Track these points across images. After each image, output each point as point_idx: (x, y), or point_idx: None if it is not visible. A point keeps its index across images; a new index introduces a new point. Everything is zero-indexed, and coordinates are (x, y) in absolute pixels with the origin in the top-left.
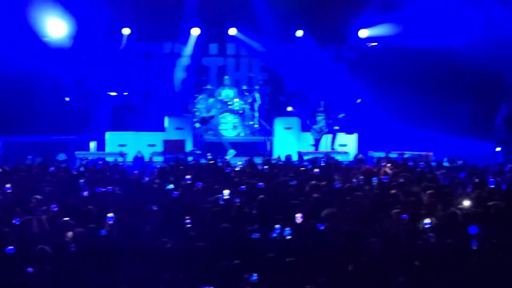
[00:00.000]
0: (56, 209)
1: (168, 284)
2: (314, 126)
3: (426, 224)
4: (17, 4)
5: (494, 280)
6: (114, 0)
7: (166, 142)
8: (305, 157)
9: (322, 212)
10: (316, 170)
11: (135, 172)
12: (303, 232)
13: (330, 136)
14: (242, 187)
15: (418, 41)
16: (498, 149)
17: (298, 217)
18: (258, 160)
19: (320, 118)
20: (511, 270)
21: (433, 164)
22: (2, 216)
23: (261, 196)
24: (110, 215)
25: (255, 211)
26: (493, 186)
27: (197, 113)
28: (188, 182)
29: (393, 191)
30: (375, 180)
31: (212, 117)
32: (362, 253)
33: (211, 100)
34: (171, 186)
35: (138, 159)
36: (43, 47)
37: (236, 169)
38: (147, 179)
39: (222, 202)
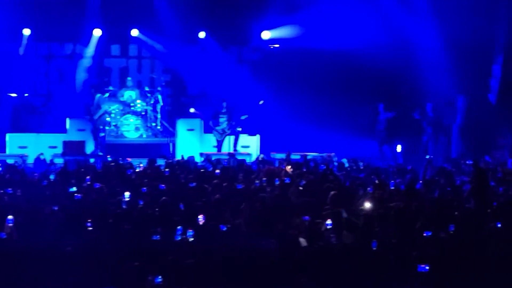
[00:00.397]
0: None
1: (71, 287)
2: (217, 128)
3: (327, 225)
4: None
5: (394, 279)
6: (14, 0)
7: (65, 144)
8: (211, 158)
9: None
10: (217, 171)
11: (36, 174)
12: (205, 234)
13: (232, 137)
14: (144, 188)
15: (320, 43)
16: (398, 149)
17: (200, 219)
18: (161, 161)
19: (223, 119)
20: (409, 269)
21: (335, 165)
22: None
23: (164, 198)
24: (9, 217)
25: (158, 213)
26: (393, 188)
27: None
28: (89, 184)
29: (295, 192)
30: (277, 181)
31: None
32: (262, 254)
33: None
34: (74, 188)
35: (39, 161)
36: None
37: (137, 170)
38: (47, 181)
39: (124, 205)
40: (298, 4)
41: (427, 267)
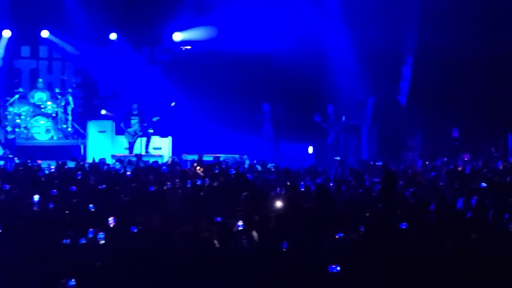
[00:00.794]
0: None
1: None
2: (128, 130)
3: (239, 226)
4: None
5: (304, 280)
6: None
7: None
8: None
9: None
10: (128, 173)
11: None
12: (116, 236)
13: (144, 139)
14: (54, 191)
15: (232, 45)
16: (310, 150)
17: (111, 221)
18: (71, 164)
19: (134, 121)
20: (321, 270)
21: (246, 167)
22: None
23: (74, 200)
24: None
25: (68, 215)
26: (303, 189)
27: (9, 116)
28: None
29: (208, 194)
30: (190, 183)
31: None
32: (173, 256)
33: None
34: None
35: None
36: None
37: (47, 172)
38: None
39: (35, 208)
40: (210, 6)
41: (338, 268)
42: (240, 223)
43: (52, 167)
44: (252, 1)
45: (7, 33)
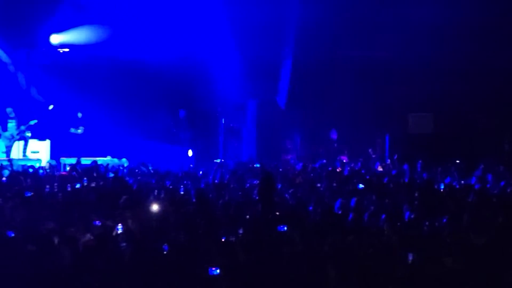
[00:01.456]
0: None
1: None
2: (5, 133)
3: (117, 229)
4: None
5: (185, 282)
6: None
7: None
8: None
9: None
10: (4, 178)
11: None
12: None
13: (22, 142)
14: None
15: (113, 49)
16: (190, 153)
17: None
18: None
19: (11, 124)
20: (201, 272)
21: (126, 170)
22: None
23: None
24: None
25: None
26: (183, 192)
27: None
28: None
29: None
30: (69, 187)
31: None
32: (54, 260)
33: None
34: None
35: None
36: None
37: None
38: None
39: None
40: (91, 9)
41: (218, 270)
42: (120, 226)
43: None
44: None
45: None
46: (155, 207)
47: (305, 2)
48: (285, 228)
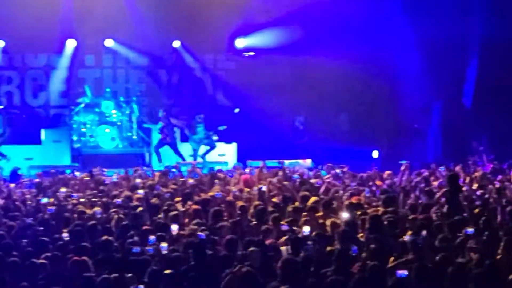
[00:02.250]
0: None
1: None
2: (194, 137)
3: (305, 232)
4: None
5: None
6: None
7: None
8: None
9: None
10: (191, 181)
11: (11, 186)
12: (181, 244)
13: (208, 147)
14: (119, 200)
15: (296, 50)
16: (375, 155)
17: (174, 228)
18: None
19: (200, 129)
20: (384, 274)
21: (311, 172)
22: None
23: (140, 209)
24: None
25: (133, 224)
26: (368, 194)
27: (74, 126)
28: (63, 195)
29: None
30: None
31: None
32: (241, 262)
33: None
34: (45, 200)
35: (15, 173)
36: None
37: (113, 181)
38: (21, 192)
39: (99, 216)
40: (273, 12)
41: (406, 272)
42: (307, 229)
43: (115, 175)
44: (313, 5)
45: (71, 43)
46: (344, 214)
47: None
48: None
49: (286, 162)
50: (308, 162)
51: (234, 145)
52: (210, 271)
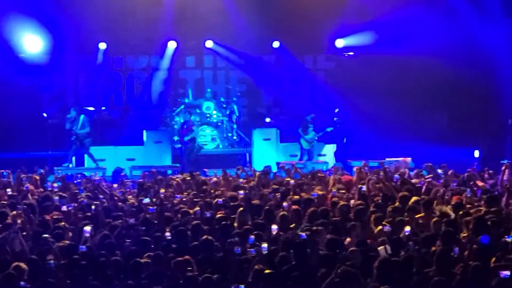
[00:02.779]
0: (35, 224)
1: None
2: (306, 137)
3: (406, 232)
4: None
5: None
6: (90, 14)
7: None
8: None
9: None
10: (292, 181)
11: (114, 186)
12: (279, 244)
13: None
14: (220, 200)
15: (394, 49)
16: (476, 154)
17: (274, 229)
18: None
19: (311, 129)
20: (487, 275)
21: (411, 172)
22: None
23: (241, 208)
24: (87, 229)
25: (236, 223)
26: (469, 195)
27: (175, 126)
28: (163, 196)
29: (375, 200)
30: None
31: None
32: (343, 262)
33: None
34: (147, 200)
35: (117, 173)
36: (20, 63)
37: (213, 180)
38: (123, 192)
39: (200, 216)
40: (371, 11)
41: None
42: (407, 228)
43: (214, 177)
44: (409, 4)
45: (172, 44)
46: (447, 210)
47: None
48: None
49: (386, 159)
50: (408, 160)
51: (333, 146)
52: (311, 271)
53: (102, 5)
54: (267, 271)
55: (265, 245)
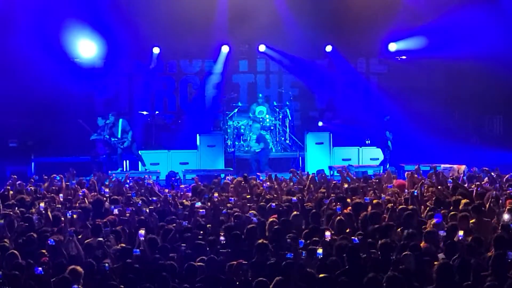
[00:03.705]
0: (88, 229)
1: None
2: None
3: (460, 236)
4: (49, 26)
5: None
6: (144, 19)
7: None
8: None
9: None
10: (345, 185)
11: (167, 190)
12: (333, 249)
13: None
14: (273, 204)
15: (447, 53)
16: None
17: (327, 235)
18: (286, 176)
19: (388, 133)
20: None
21: (465, 176)
22: (37, 236)
23: (295, 212)
24: (141, 232)
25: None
26: None
27: (228, 130)
28: (217, 199)
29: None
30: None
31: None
32: (396, 266)
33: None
34: (199, 203)
35: (171, 177)
36: (75, 68)
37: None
38: (175, 196)
39: (254, 219)
40: (424, 14)
41: None
42: (461, 233)
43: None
44: (462, 8)
45: (225, 49)
46: (505, 216)
47: None
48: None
49: (441, 166)
50: (462, 168)
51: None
52: (364, 275)
53: (156, 10)
54: (321, 275)
55: (320, 250)
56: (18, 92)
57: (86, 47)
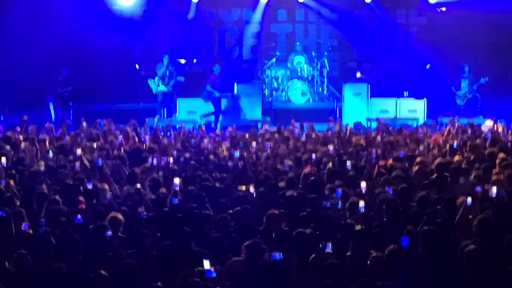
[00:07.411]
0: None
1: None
2: (458, 92)
3: (493, 192)
4: None
5: None
6: None
7: None
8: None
9: None
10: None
11: (205, 139)
12: (373, 201)
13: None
14: (313, 157)
15: (487, 6)
16: None
17: (363, 186)
18: (322, 127)
19: (464, 84)
20: None
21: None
22: (74, 183)
23: (330, 164)
24: (176, 181)
25: (325, 179)
26: None
27: (266, 80)
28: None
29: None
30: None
31: None
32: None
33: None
34: (236, 154)
35: (208, 125)
36: (113, 16)
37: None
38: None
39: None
40: None
41: None
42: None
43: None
44: None
45: None
46: None
47: None
48: None
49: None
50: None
51: (423, 101)
52: (400, 227)
53: None
54: (357, 227)
55: (361, 203)
56: (55, 40)
57: None
